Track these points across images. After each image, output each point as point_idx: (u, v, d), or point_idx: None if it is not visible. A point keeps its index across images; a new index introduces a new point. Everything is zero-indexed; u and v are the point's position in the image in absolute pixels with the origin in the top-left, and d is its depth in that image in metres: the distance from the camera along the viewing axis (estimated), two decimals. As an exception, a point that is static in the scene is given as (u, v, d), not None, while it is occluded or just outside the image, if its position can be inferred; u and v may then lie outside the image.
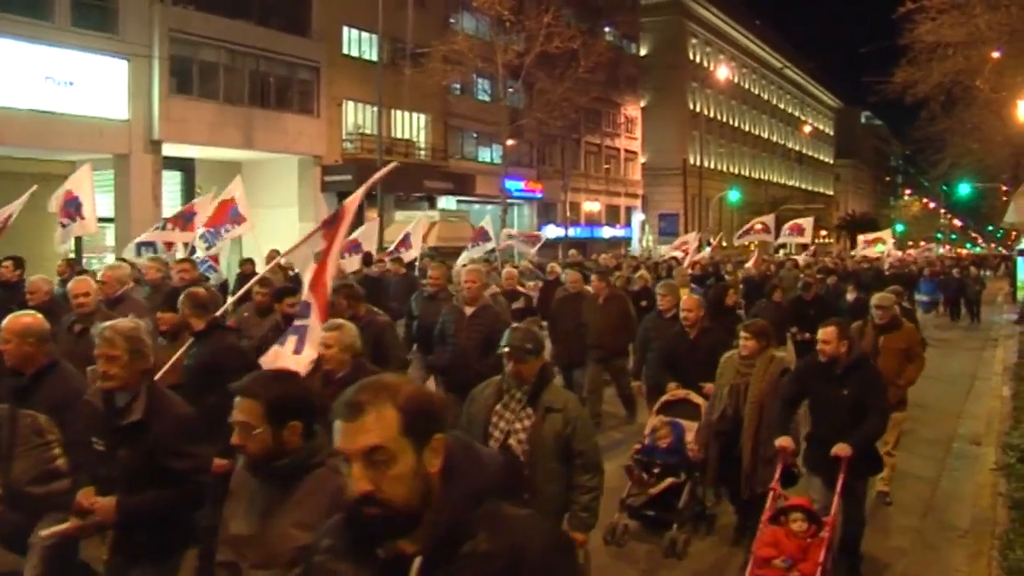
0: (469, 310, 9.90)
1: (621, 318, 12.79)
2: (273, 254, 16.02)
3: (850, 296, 17.61)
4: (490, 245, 25.54)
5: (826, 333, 7.27)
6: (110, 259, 26.56)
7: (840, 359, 7.27)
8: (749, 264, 27.37)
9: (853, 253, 37.50)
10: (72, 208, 15.78)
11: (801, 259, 32.39)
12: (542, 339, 5.90)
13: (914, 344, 9.88)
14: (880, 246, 33.63)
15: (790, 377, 7.76)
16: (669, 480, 8.21)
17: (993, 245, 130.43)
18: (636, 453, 8.56)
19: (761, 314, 13.19)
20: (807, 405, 7.66)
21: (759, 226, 31.87)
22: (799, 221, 33.99)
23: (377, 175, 9.26)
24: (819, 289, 17.33)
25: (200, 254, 16.38)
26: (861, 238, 38.04)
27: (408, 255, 21.98)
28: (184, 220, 17.35)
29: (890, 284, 28.85)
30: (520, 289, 16.18)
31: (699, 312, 9.49)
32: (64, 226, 15.98)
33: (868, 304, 17.58)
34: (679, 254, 28.97)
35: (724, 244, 33.23)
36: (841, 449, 6.97)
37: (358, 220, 19.68)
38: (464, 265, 16.54)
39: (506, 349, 5.45)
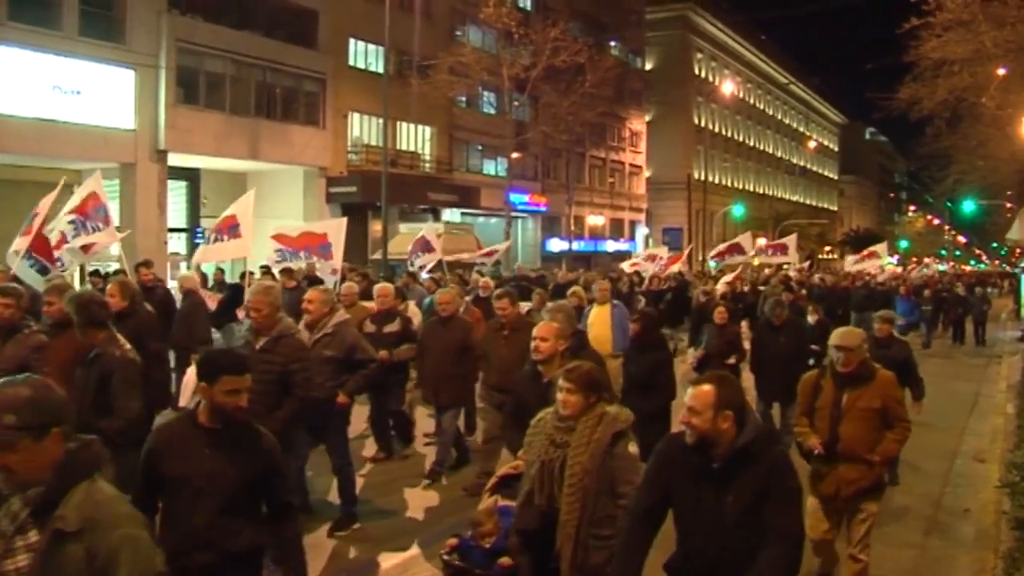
0: (258, 342, 7.55)
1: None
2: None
3: (811, 318, 14.91)
4: (434, 257, 22.81)
5: (696, 396, 4.45)
6: (114, 268, 26.71)
7: (719, 442, 4.43)
8: (723, 280, 25.45)
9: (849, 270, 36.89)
10: (101, 216, 14.60)
11: (793, 273, 31.48)
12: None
13: (893, 401, 7.00)
14: (885, 260, 33.12)
15: (647, 469, 4.83)
16: None
17: (997, 262, 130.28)
18: (448, 552, 6.05)
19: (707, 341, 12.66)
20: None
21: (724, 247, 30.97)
22: (783, 240, 33.68)
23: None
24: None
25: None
26: (851, 257, 37.76)
27: (429, 258, 22.42)
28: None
29: (863, 303, 28.46)
30: (402, 309, 12.80)
31: (557, 344, 6.84)
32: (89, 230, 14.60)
33: (828, 331, 15.98)
34: (649, 267, 28.21)
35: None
36: None
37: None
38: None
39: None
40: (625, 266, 31.48)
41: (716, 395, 4.40)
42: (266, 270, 18.41)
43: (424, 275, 21.34)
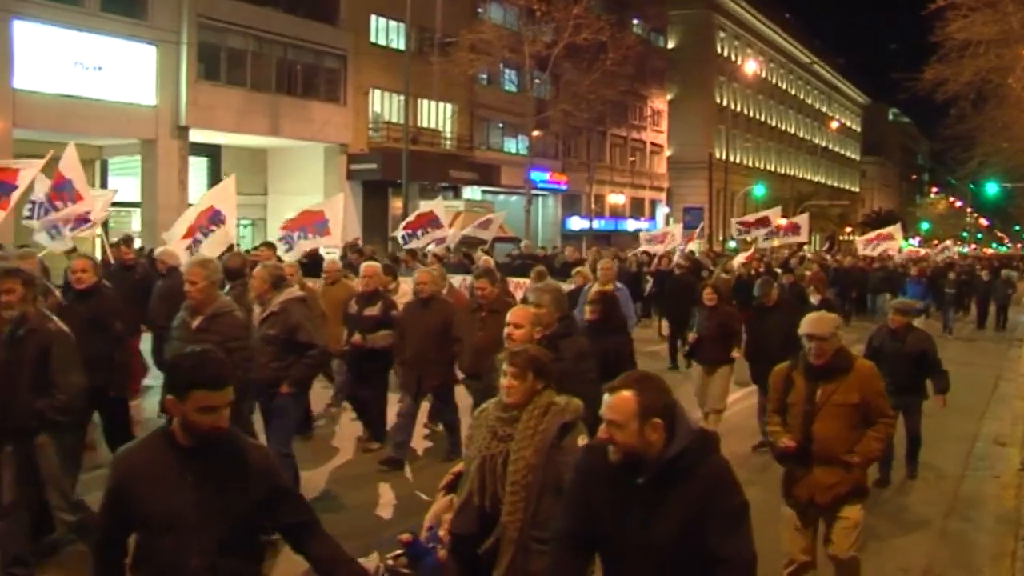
0: (194, 321, 7.46)
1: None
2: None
3: (814, 298, 14.41)
4: (440, 234, 21.94)
5: (614, 405, 3.68)
6: (135, 244, 26.79)
7: (645, 454, 3.68)
8: (738, 260, 25.00)
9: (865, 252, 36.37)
10: (67, 192, 13.81)
11: (810, 254, 30.74)
12: None
13: (874, 394, 6.22)
14: (903, 242, 32.54)
15: (567, 487, 4.14)
16: None
17: (1019, 245, 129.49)
18: (394, 556, 4.85)
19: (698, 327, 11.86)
20: None
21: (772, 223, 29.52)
22: (794, 219, 33.21)
23: None
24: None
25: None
26: (862, 238, 37.22)
27: (439, 234, 21.73)
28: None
29: (880, 285, 27.94)
30: (385, 289, 11.94)
31: (532, 331, 6.31)
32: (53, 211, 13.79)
33: (833, 308, 15.07)
34: (659, 248, 27.27)
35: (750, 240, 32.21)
36: None
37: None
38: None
39: None
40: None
41: (639, 402, 3.65)
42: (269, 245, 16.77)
43: (432, 248, 20.89)
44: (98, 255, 16.28)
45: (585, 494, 3.90)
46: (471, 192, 45.63)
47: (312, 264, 16.08)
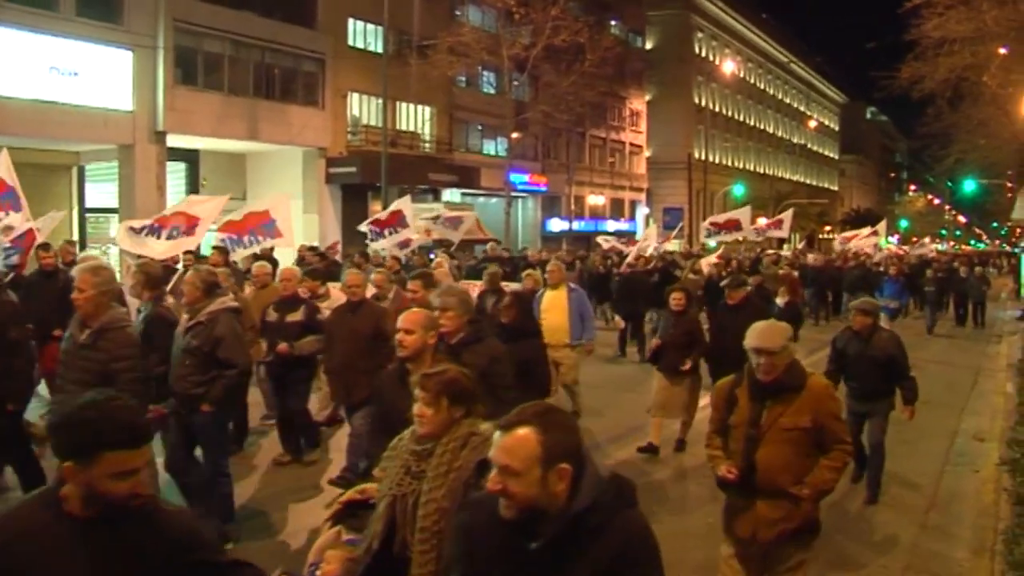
0: (82, 335, 6.87)
1: None
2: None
3: (780, 300, 14.56)
4: (406, 234, 20.72)
5: (509, 447, 2.98)
6: (114, 251, 26.64)
7: (546, 510, 2.95)
8: (709, 260, 24.49)
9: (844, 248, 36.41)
10: (10, 201, 13.32)
11: (786, 253, 30.50)
12: None
13: (828, 417, 5.41)
14: (884, 240, 32.65)
15: (448, 548, 3.52)
16: None
17: (997, 242, 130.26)
18: None
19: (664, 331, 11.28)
20: None
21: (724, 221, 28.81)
22: (780, 216, 33.30)
23: None
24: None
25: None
26: (839, 236, 37.27)
27: (405, 234, 20.62)
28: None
29: (856, 284, 27.71)
30: (314, 295, 11.60)
31: (426, 337, 5.50)
32: None
33: (799, 314, 14.38)
34: (632, 249, 26.20)
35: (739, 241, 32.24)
36: None
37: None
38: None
39: None
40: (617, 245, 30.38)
41: (541, 442, 2.90)
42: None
43: (402, 253, 20.14)
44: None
45: (468, 563, 3.15)
46: (450, 195, 45.53)
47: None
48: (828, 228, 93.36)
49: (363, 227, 21.65)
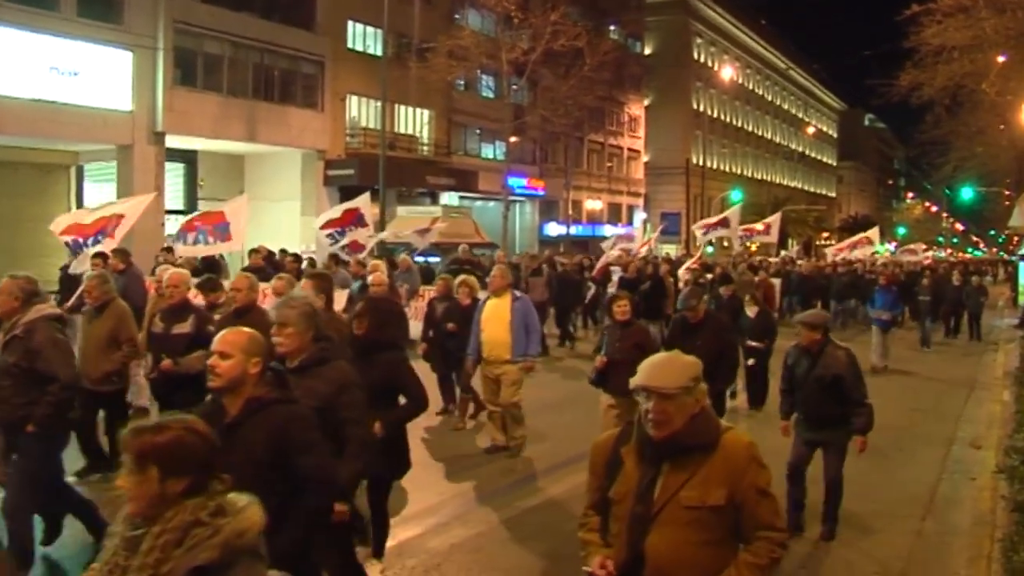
0: None
1: None
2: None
3: (750, 311, 13.59)
4: (363, 233, 20.11)
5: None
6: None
7: None
8: (686, 266, 22.98)
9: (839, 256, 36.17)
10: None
11: (773, 260, 30.21)
12: None
13: (751, 491, 3.68)
14: (880, 248, 32.41)
15: None
16: None
17: (995, 250, 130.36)
18: None
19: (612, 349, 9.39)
20: None
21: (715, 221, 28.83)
22: (768, 220, 33.04)
23: None
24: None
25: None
26: (834, 245, 37.07)
27: (362, 233, 20.22)
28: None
29: (844, 291, 26.88)
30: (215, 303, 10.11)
31: (247, 364, 4.33)
32: None
33: (772, 325, 13.67)
34: (617, 252, 26.60)
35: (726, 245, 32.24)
36: None
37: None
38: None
39: None
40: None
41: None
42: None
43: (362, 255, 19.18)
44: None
45: None
46: (448, 198, 45.59)
47: (208, 270, 14.36)
48: (826, 235, 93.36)
49: (320, 232, 20.83)
